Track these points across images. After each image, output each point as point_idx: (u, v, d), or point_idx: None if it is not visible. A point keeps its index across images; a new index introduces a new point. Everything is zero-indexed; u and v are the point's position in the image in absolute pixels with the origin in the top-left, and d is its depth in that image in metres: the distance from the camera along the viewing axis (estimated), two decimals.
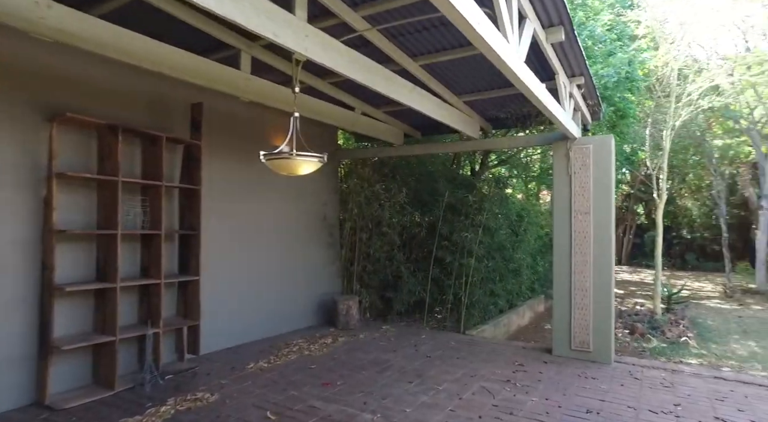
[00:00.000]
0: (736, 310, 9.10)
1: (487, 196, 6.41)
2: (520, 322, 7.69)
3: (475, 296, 6.29)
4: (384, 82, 4.00)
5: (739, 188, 14.47)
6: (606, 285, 4.86)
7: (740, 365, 5.60)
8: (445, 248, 6.37)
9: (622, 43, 6.64)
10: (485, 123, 6.39)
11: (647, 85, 7.76)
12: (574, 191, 5.04)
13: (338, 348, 5.28)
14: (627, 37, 7.13)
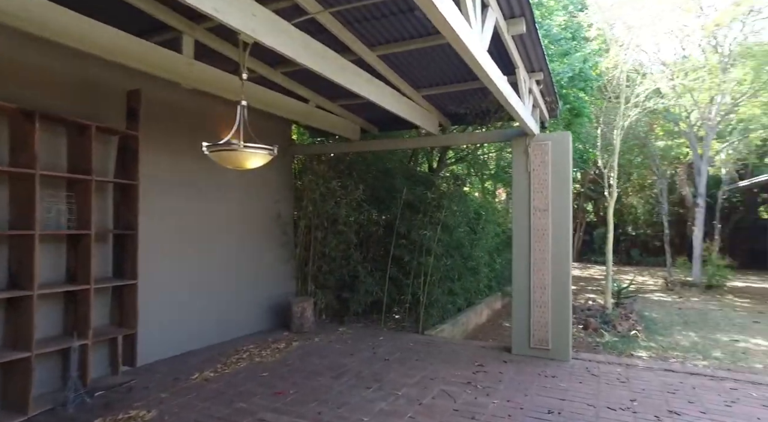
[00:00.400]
0: (676, 302, 9.55)
1: (445, 193, 6.31)
2: (478, 320, 7.68)
3: (433, 296, 6.18)
4: (340, 71, 3.78)
5: (677, 187, 15.30)
6: (564, 283, 4.87)
7: (684, 355, 5.80)
8: (403, 246, 6.21)
9: (576, 43, 6.73)
10: (444, 119, 6.28)
11: (599, 86, 7.96)
12: (533, 188, 5.02)
13: (292, 352, 4.99)
14: (581, 38, 7.26)
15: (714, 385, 4.13)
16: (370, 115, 6.43)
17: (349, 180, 6.45)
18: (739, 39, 11.25)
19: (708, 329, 7.20)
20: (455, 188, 6.63)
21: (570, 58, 6.22)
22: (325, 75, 3.57)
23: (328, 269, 6.55)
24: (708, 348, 6.11)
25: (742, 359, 5.67)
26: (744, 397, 3.87)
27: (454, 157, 9.12)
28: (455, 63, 4.59)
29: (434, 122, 6.00)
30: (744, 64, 10.91)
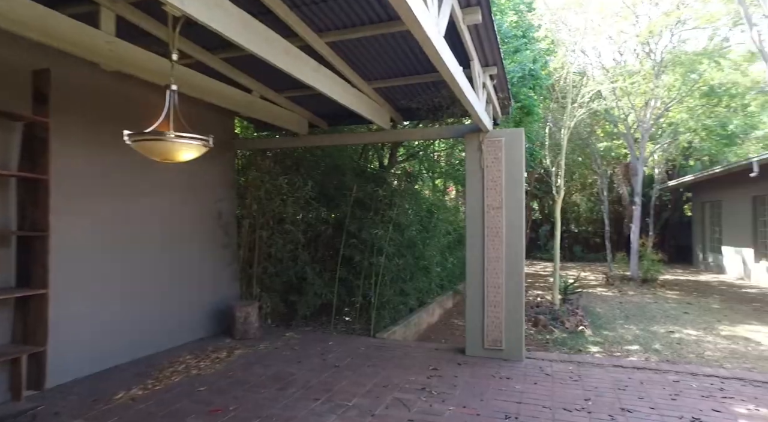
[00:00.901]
0: (617, 297, 9.94)
1: (397, 191, 6.11)
2: (431, 320, 7.57)
3: (385, 297, 5.97)
4: (284, 56, 3.45)
5: (615, 186, 16.08)
6: (517, 281, 4.81)
7: (628, 348, 5.95)
8: (353, 246, 5.95)
9: (527, 41, 6.76)
10: (395, 114, 6.08)
11: (548, 85, 8.09)
12: (487, 186, 4.92)
13: (234, 362, 4.60)
14: (531, 37, 7.32)
15: (659, 378, 4.21)
16: (319, 108, 6.12)
17: (297, 177, 6.11)
18: (669, 47, 11.92)
19: (646, 321, 7.50)
20: (407, 186, 6.45)
21: (520, 56, 6.23)
22: (267, 60, 3.23)
23: (275, 271, 6.18)
24: (648, 340, 6.33)
25: (677, 349, 5.89)
26: (686, 389, 3.96)
27: (405, 154, 8.97)
28: (408, 54, 4.39)
29: (385, 117, 5.78)
30: (674, 71, 11.57)
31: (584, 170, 16.13)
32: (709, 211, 15.60)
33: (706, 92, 11.80)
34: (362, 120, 6.26)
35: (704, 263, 15.62)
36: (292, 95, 5.53)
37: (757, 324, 7.49)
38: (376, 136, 6.00)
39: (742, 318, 7.92)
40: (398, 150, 8.55)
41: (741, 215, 13.03)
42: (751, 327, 7.26)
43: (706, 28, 11.65)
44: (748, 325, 7.34)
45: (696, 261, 16.36)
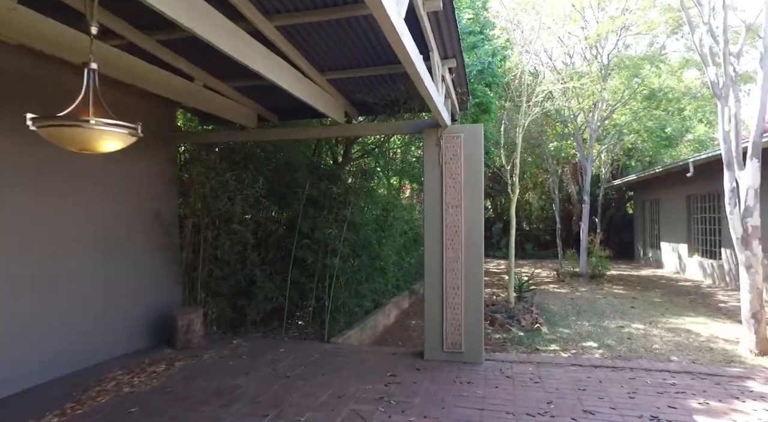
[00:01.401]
0: (568, 293, 10.17)
1: (352, 188, 5.84)
2: (387, 322, 7.36)
3: (339, 300, 5.69)
4: (228, 38, 3.11)
5: (564, 185, 16.59)
6: (477, 282, 4.68)
7: (583, 345, 6.01)
8: (306, 246, 5.63)
9: (484, 37, 6.70)
10: (351, 108, 5.82)
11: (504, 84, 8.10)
12: (446, 183, 4.76)
13: (173, 376, 4.18)
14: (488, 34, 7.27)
15: (616, 376, 4.21)
16: (270, 101, 5.75)
17: (246, 173, 5.70)
18: (615, 52, 12.37)
19: (597, 317, 7.67)
20: (362, 183, 6.19)
21: (478, 51, 6.14)
22: (209, 41, 2.89)
23: (221, 274, 5.75)
24: (601, 335, 6.44)
25: (628, 344, 6.02)
26: (642, 386, 3.98)
27: (360, 151, 8.72)
28: (365, 43, 4.14)
29: (340, 111, 5.51)
30: (619, 74, 12.02)
31: (535, 169, 16.52)
32: (648, 209, 16.43)
33: (647, 96, 12.37)
34: (315, 114, 5.96)
35: (645, 259, 16.44)
36: (240, 85, 5.13)
37: (694, 315, 7.84)
38: (330, 130, 5.71)
39: (680, 310, 8.29)
40: (353, 147, 8.29)
41: (677, 213, 13.78)
42: (690, 318, 7.58)
43: (647, 35, 12.20)
44: (687, 317, 7.67)
45: (637, 257, 17.20)
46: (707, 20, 6.18)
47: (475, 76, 6.06)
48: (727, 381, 4.16)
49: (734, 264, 10.72)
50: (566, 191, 16.57)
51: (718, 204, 11.60)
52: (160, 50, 4.10)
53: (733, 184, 5.91)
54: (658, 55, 12.32)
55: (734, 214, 5.86)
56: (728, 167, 5.93)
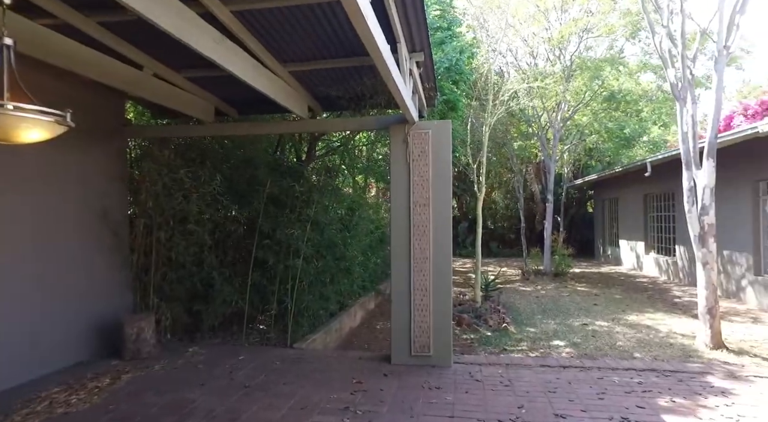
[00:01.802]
0: (534, 292, 10.27)
1: (316, 186, 5.59)
2: (353, 324, 7.16)
3: (303, 302, 5.44)
4: (177, 20, 2.83)
5: (528, 184, 16.85)
6: (445, 283, 4.55)
7: (550, 344, 6.01)
8: (267, 247, 5.35)
9: (452, 33, 6.59)
10: (314, 102, 5.58)
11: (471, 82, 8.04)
12: (413, 181, 4.61)
13: (118, 391, 3.83)
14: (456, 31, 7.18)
15: (584, 377, 4.18)
16: (228, 93, 5.44)
17: (203, 170, 5.36)
18: (577, 53, 12.63)
19: (563, 315, 7.73)
20: (327, 181, 5.95)
21: (446, 47, 6.03)
22: (155, 22, 2.60)
23: (176, 278, 5.39)
24: (567, 333, 6.47)
25: (593, 342, 6.06)
26: (610, 386, 3.96)
27: (324, 148, 8.47)
28: (328, 32, 3.92)
29: (303, 105, 5.26)
30: (582, 75, 12.27)
31: (500, 168, 16.70)
32: (608, 208, 16.93)
33: (607, 97, 12.70)
34: (277, 109, 5.70)
35: (604, 256, 16.92)
36: (194, 76, 4.80)
37: (652, 311, 8.05)
38: (292, 126, 5.44)
39: (640, 306, 8.49)
40: (317, 144, 8.04)
41: (634, 211, 14.23)
42: (650, 314, 7.77)
43: (607, 38, 12.51)
44: (646, 313, 7.85)
45: (597, 254, 17.70)
46: (666, 24, 6.31)
47: (442, 74, 5.95)
48: (689, 378, 4.21)
49: (687, 261, 11.14)
50: (530, 190, 16.84)
51: (672, 203, 12.04)
52: (103, 34, 3.74)
53: (692, 183, 6.05)
54: (618, 58, 12.67)
55: (692, 212, 6.00)
56: (687, 166, 6.07)
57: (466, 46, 6.99)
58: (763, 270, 8.69)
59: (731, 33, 5.89)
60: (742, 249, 8.99)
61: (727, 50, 5.91)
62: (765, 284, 8.47)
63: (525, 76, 11.28)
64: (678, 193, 11.46)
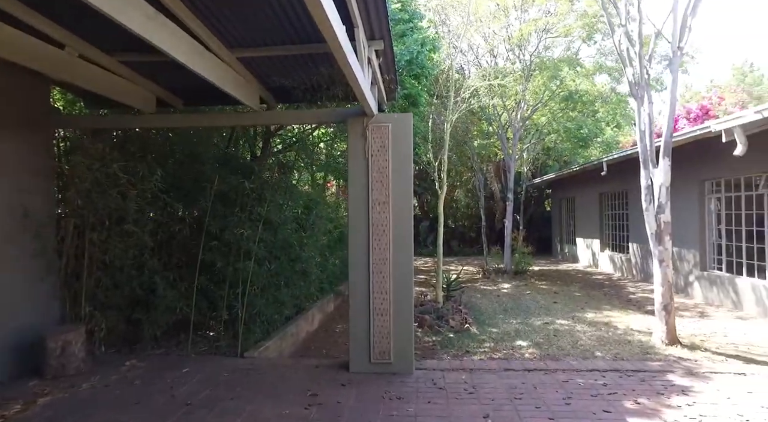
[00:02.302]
0: (495, 290, 10.26)
1: (268, 183, 5.20)
2: (310, 328, 6.82)
3: (255, 307, 5.07)
4: None
5: (488, 183, 16.97)
6: (406, 285, 4.32)
7: (513, 345, 5.90)
8: (215, 249, 4.93)
9: (413, 26, 6.37)
10: (267, 93, 5.21)
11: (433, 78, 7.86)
12: (372, 177, 4.34)
13: (31, 418, 3.34)
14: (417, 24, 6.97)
15: (549, 380, 4.06)
16: (171, 81, 4.98)
17: (142, 165, 4.87)
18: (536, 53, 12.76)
19: (524, 314, 7.70)
20: (281, 178, 5.57)
21: (407, 40, 5.80)
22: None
23: (112, 284, 4.89)
24: (529, 333, 6.40)
25: (555, 342, 6.01)
26: (575, 389, 3.86)
27: (281, 143, 8.07)
28: (278, 13, 3.59)
29: (254, 96, 4.89)
30: (541, 74, 12.40)
31: (460, 167, 16.73)
32: (565, 206, 17.32)
33: (565, 97, 12.92)
34: (227, 100, 5.27)
35: (562, 254, 17.31)
36: (130, 60, 4.33)
37: (610, 308, 8.17)
38: (243, 118, 5.04)
39: (598, 303, 8.61)
40: (273, 140, 7.64)
41: (590, 210, 14.60)
42: (607, 311, 7.87)
43: (565, 38, 12.71)
44: (604, 310, 7.95)
45: (555, 252, 18.09)
46: (624, 23, 6.35)
47: (403, 67, 5.72)
48: (651, 377, 4.17)
49: (640, 258, 11.48)
50: (490, 189, 16.97)
51: (626, 202, 12.39)
52: (14, 6, 3.24)
53: (649, 181, 6.11)
54: (575, 59, 12.91)
55: (649, 211, 6.06)
56: (644, 165, 6.13)
57: (427, 39, 6.79)
58: (708, 266, 9.03)
59: (684, 34, 5.99)
60: (690, 246, 9.30)
61: (680, 51, 6.00)
62: (710, 280, 8.80)
63: (486, 74, 11.25)
64: (631, 192, 11.81)
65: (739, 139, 5.83)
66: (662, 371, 4.33)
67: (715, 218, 9.00)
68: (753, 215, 8.00)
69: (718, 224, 8.94)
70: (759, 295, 7.55)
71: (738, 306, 8.00)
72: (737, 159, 7.98)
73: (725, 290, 8.39)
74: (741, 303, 7.94)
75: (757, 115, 5.42)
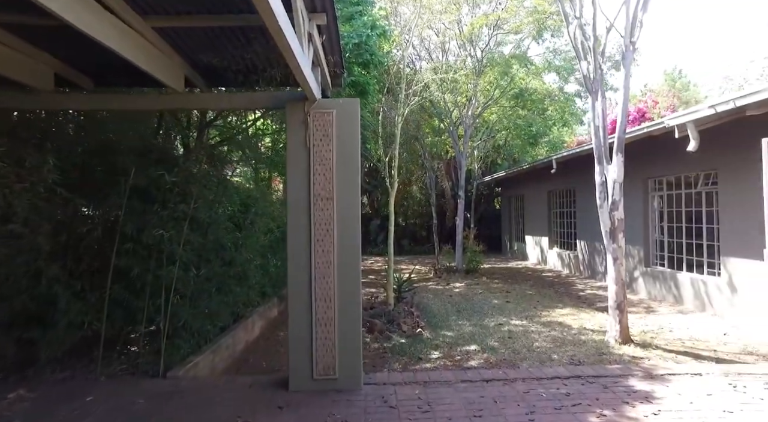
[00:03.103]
0: (447, 290, 10.00)
1: (195, 176, 4.52)
2: (249, 337, 6.18)
3: (181, 319, 4.40)
4: None
5: (439, 181, 16.82)
6: (353, 290, 3.85)
7: (467, 349, 5.59)
8: (131, 253, 4.22)
9: (362, 9, 5.89)
10: (195, 74, 4.56)
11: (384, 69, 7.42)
12: (314, 170, 3.83)
13: None
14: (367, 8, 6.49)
15: (510, 392, 3.74)
16: (74, 54, 4.21)
17: (36, 154, 4.06)
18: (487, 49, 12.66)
19: (477, 315, 7.45)
20: (210, 171, 4.89)
21: (355, 22, 5.32)
22: None
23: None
24: (483, 336, 6.12)
25: (511, 345, 5.76)
26: (538, 401, 3.56)
27: (218, 136, 7.35)
28: None
29: (177, 76, 4.22)
30: (492, 70, 12.31)
31: (411, 165, 16.47)
32: (514, 204, 17.50)
33: (516, 95, 12.92)
34: (148, 81, 4.53)
35: (511, 252, 17.48)
36: (9, 21, 3.53)
37: (562, 306, 8.10)
38: (163, 101, 4.34)
39: (550, 301, 8.54)
40: (209, 131, 6.91)
41: (539, 207, 14.77)
42: (559, 310, 7.78)
43: (516, 35, 12.72)
44: (557, 309, 7.86)
45: (505, 250, 18.26)
46: (579, 14, 6.21)
47: (351, 51, 5.25)
48: (613, 383, 3.95)
49: (588, 255, 11.65)
50: (441, 186, 16.83)
51: (573, 199, 12.57)
52: None
53: (603, 178, 5.99)
54: (525, 56, 12.94)
55: (604, 208, 5.94)
56: (599, 161, 6.00)
57: (377, 23, 6.34)
58: (651, 262, 9.22)
59: (636, 29, 5.92)
60: (635, 243, 9.46)
61: (633, 46, 5.92)
62: (653, 275, 8.98)
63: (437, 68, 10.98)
64: (579, 189, 11.99)
65: (691, 134, 5.82)
66: (622, 375, 4.13)
67: (658, 215, 9.21)
68: (692, 212, 8.21)
69: (660, 221, 9.14)
70: (697, 289, 7.73)
71: (679, 301, 8.18)
72: (679, 158, 8.18)
73: (667, 286, 8.57)
74: (681, 298, 8.11)
75: (711, 110, 5.40)
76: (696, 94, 26.12)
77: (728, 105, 5.18)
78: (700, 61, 49.48)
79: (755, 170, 6.54)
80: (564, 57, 13.21)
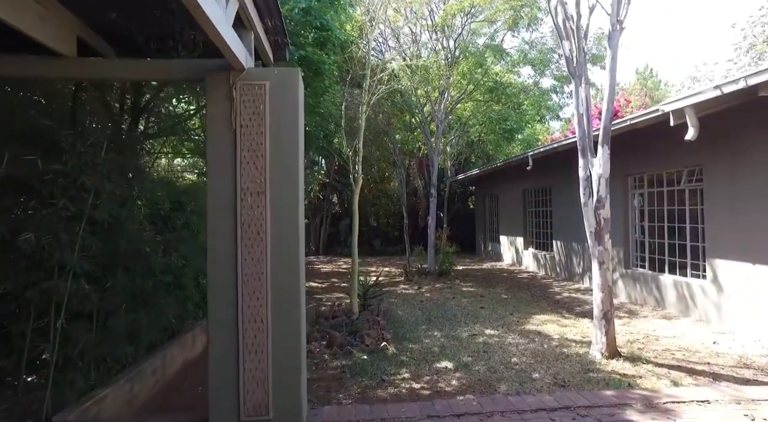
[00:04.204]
0: (417, 294, 9.31)
1: (96, 164, 3.57)
2: (189, 355, 5.29)
3: (78, 345, 3.50)
4: None
5: (411, 179, 16.14)
6: (293, 310, 3.06)
7: (437, 367, 4.88)
8: (2, 263, 3.29)
9: None
10: (98, 40, 3.66)
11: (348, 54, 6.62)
12: (241, 157, 3.02)
13: None
14: None
15: None
16: None
17: None
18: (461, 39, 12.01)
19: (449, 323, 6.77)
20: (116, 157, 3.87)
21: None
22: None
23: None
24: (456, 350, 5.43)
25: (486, 360, 5.08)
26: None
27: (155, 125, 6.42)
28: None
29: (67, 36, 3.33)
30: (466, 61, 11.67)
31: (382, 162, 15.74)
32: (488, 204, 16.98)
33: (490, 88, 12.33)
34: (33, 47, 3.60)
35: (486, 252, 16.95)
36: None
37: (539, 312, 7.52)
38: (41, 67, 3.36)
39: (526, 307, 7.95)
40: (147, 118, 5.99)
41: (514, 207, 14.26)
42: (537, 317, 7.19)
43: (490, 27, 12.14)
44: (534, 316, 7.26)
45: (479, 250, 17.73)
46: None
47: (298, 20, 4.44)
48: (608, 416, 3.28)
49: (564, 256, 11.16)
50: (413, 185, 16.16)
51: (549, 198, 12.07)
52: None
53: (587, 172, 5.38)
54: (500, 47, 12.37)
55: (588, 205, 5.32)
56: (583, 153, 5.38)
57: None
58: (631, 263, 8.76)
59: (622, 6, 5.34)
60: (615, 243, 8.95)
61: (620, 25, 5.32)
62: (633, 277, 8.52)
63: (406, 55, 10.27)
64: (555, 188, 11.49)
65: (690, 120, 5.24)
66: (619, 404, 3.49)
67: (638, 214, 8.75)
68: (675, 211, 7.75)
69: (641, 220, 8.68)
70: (681, 292, 7.28)
71: (661, 304, 7.72)
72: (661, 153, 7.73)
73: (648, 288, 8.11)
74: (664, 301, 7.65)
75: (716, 91, 4.80)
76: (667, 94, 26.30)
77: (737, 84, 4.58)
78: (670, 60, 50.68)
79: (746, 163, 6.10)
80: (540, 49, 12.70)
